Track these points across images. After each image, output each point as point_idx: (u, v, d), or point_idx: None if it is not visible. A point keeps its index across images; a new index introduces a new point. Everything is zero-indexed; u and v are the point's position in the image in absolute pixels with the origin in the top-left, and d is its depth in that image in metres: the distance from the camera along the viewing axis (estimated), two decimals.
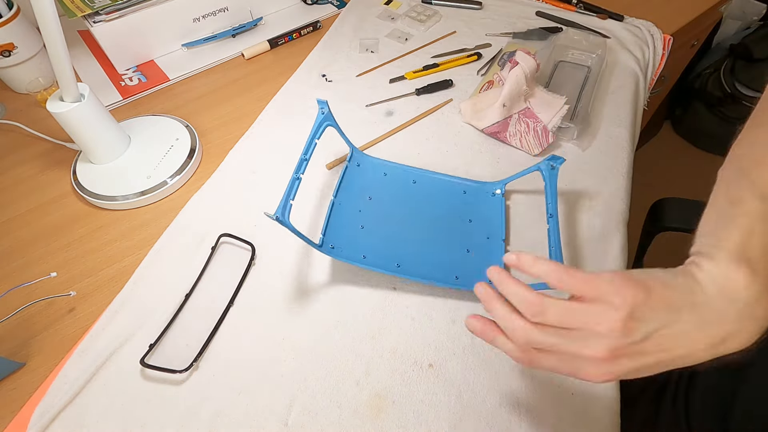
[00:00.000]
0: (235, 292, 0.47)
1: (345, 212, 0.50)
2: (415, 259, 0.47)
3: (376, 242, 0.48)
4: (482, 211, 0.52)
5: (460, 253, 0.49)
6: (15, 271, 0.50)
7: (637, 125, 0.65)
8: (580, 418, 0.39)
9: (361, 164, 0.55)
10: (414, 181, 0.55)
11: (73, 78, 0.49)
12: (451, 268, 0.47)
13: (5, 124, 0.65)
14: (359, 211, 0.51)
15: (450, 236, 0.50)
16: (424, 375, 0.42)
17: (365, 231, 0.49)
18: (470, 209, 0.52)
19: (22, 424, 0.40)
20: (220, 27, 0.77)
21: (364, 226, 0.50)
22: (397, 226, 0.50)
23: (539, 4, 0.81)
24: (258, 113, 0.65)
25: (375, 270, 0.45)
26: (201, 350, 0.43)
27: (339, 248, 0.47)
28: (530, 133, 0.57)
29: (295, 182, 0.44)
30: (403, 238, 0.49)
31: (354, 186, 0.53)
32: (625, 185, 0.55)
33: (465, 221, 0.51)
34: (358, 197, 0.52)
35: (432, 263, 0.47)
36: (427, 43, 0.75)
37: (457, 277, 0.46)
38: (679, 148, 1.62)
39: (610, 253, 0.49)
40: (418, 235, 0.50)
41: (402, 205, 0.52)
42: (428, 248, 0.49)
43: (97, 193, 0.55)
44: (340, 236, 0.48)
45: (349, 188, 0.52)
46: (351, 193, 0.52)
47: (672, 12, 0.78)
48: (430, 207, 0.52)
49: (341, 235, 0.48)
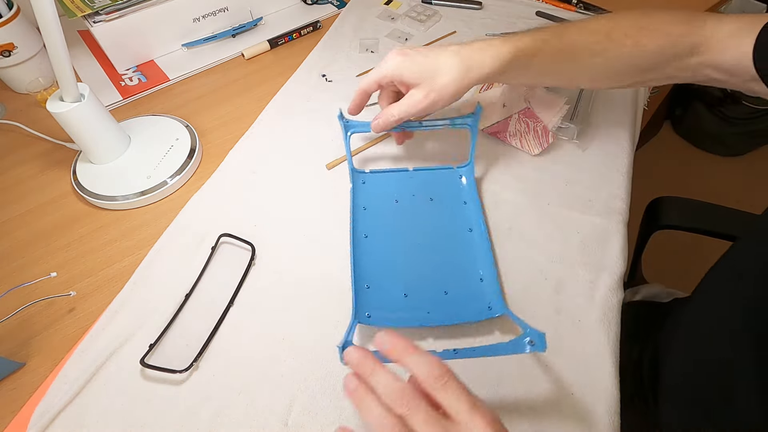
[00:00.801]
0: (235, 292, 0.47)
1: (371, 274, 0.47)
2: (441, 299, 0.45)
3: (407, 287, 0.46)
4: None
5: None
6: (15, 271, 0.50)
7: (637, 125, 0.65)
8: (580, 418, 0.39)
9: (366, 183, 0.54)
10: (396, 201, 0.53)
11: (73, 78, 0.49)
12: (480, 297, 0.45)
13: (5, 124, 0.65)
14: (378, 260, 0.48)
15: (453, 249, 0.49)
16: None
17: (400, 286, 0.46)
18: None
19: (22, 424, 0.40)
20: (220, 27, 0.77)
21: (407, 294, 0.46)
22: (416, 268, 0.47)
23: (539, 4, 0.81)
24: (258, 113, 0.65)
25: (411, 326, 0.43)
26: (201, 350, 0.43)
27: (374, 316, 0.43)
28: (530, 133, 0.57)
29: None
30: (423, 280, 0.46)
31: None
32: (625, 185, 0.55)
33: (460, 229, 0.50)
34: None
35: (456, 296, 0.45)
36: (427, 43, 0.75)
37: (490, 307, 0.44)
38: (679, 148, 1.63)
39: (610, 253, 0.49)
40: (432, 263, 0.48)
41: (406, 243, 0.50)
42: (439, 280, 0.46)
43: (97, 193, 0.55)
44: (377, 303, 0.45)
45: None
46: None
47: None
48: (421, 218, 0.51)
49: (378, 301, 0.45)
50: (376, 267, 0.47)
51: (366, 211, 0.52)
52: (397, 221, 0.51)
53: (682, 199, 0.64)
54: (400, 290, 0.46)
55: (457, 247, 0.49)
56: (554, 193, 0.54)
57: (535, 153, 0.58)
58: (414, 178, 0.55)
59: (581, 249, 0.49)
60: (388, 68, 0.47)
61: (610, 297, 0.46)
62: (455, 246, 0.49)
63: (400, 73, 0.46)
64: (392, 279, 0.46)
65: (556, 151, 0.58)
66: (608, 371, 0.42)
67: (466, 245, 0.49)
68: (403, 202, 0.53)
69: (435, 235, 0.50)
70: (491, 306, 0.44)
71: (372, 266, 0.47)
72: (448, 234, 0.50)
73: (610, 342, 0.43)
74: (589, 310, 0.45)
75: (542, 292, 0.47)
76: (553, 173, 0.56)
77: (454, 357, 0.38)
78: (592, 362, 0.42)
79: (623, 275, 0.48)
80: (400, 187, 0.54)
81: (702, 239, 0.60)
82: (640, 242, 0.67)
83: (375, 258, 0.48)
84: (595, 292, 0.46)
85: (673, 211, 0.63)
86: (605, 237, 0.50)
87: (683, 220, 0.63)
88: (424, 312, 0.44)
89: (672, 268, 0.80)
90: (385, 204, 0.52)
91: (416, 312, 0.44)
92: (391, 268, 0.47)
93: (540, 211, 0.53)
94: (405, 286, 0.46)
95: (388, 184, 0.54)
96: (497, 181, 0.56)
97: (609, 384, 0.41)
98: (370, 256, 0.48)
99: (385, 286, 0.46)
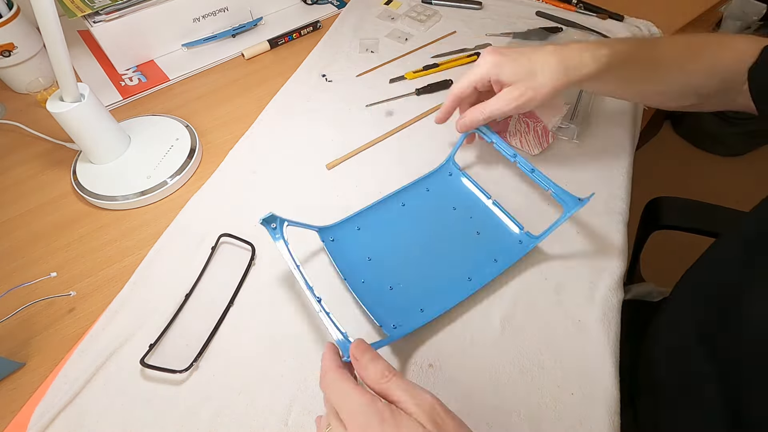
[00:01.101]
0: (235, 292, 0.47)
1: (362, 287, 0.46)
2: (435, 290, 0.45)
3: (404, 297, 0.45)
4: (453, 195, 0.52)
5: (467, 249, 0.47)
6: (15, 271, 0.50)
7: (637, 125, 0.65)
8: (580, 418, 0.39)
9: (335, 238, 0.49)
10: (392, 207, 0.52)
11: (73, 78, 0.49)
12: (462, 275, 0.46)
13: (5, 124, 0.65)
14: (367, 278, 0.47)
15: (451, 239, 0.49)
16: (424, 375, 0.42)
17: (396, 290, 0.46)
18: (446, 198, 0.52)
19: (22, 424, 0.40)
20: (220, 27, 0.77)
21: (393, 287, 0.46)
22: (408, 268, 0.47)
23: (539, 4, 0.81)
24: (258, 113, 0.65)
25: (414, 329, 0.42)
26: (201, 350, 0.43)
27: (399, 327, 0.43)
28: (530, 133, 0.57)
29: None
30: (419, 276, 0.46)
31: (349, 259, 0.48)
32: (625, 185, 0.55)
33: (449, 210, 0.50)
34: (360, 268, 0.47)
35: (448, 282, 0.45)
36: (427, 43, 0.75)
37: (470, 278, 0.45)
38: (679, 148, 1.63)
39: (611, 253, 0.49)
40: (428, 261, 0.47)
41: (400, 243, 0.49)
42: (441, 269, 0.47)
43: (97, 193, 0.55)
44: (394, 312, 0.44)
45: (348, 264, 0.48)
46: (352, 267, 0.47)
47: (672, 12, 0.78)
48: (422, 224, 0.50)
49: (392, 310, 0.44)
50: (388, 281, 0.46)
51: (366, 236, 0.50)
52: (390, 244, 0.49)
53: (680, 199, 0.64)
54: (419, 289, 0.46)
55: (454, 233, 0.50)
56: None
57: (535, 153, 0.58)
58: (404, 197, 0.53)
59: (581, 249, 0.49)
60: (486, 68, 0.46)
61: (610, 297, 0.46)
62: (453, 234, 0.49)
63: (498, 71, 0.46)
64: (410, 282, 0.46)
65: (556, 151, 0.58)
66: (608, 371, 0.42)
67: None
68: (397, 224, 0.51)
69: (430, 236, 0.50)
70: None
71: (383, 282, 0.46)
72: (443, 228, 0.50)
73: (610, 342, 0.43)
74: (589, 310, 0.45)
75: (542, 292, 0.47)
76: (553, 173, 0.56)
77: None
78: (592, 362, 0.42)
79: (623, 275, 0.48)
80: (384, 217, 0.52)
81: (701, 239, 0.60)
82: (638, 242, 0.67)
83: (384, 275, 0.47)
84: (595, 292, 0.46)
85: (671, 212, 0.63)
86: (605, 237, 0.50)
87: (681, 220, 0.63)
88: (418, 309, 0.44)
89: (671, 269, 0.80)
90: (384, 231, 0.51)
91: (415, 313, 0.44)
92: (405, 276, 0.47)
93: (540, 211, 0.53)
94: (408, 289, 0.46)
95: (383, 213, 0.52)
96: (497, 181, 0.56)
97: (609, 384, 0.41)
98: (380, 277, 0.47)
99: (405, 290, 0.46)
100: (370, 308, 0.44)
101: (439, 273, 0.47)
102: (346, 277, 0.46)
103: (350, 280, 0.46)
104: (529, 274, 0.48)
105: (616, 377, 0.42)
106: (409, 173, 0.55)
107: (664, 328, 0.52)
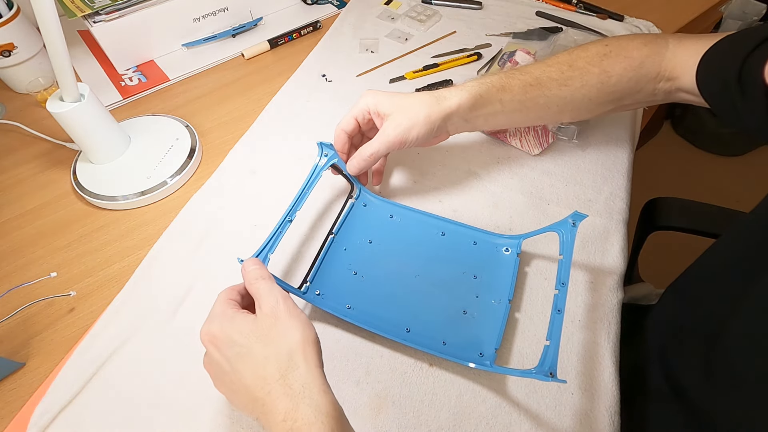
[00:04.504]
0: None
1: (339, 254, 0.48)
2: (404, 316, 0.44)
3: (365, 291, 0.45)
4: (490, 268, 0.47)
5: (455, 313, 0.44)
6: (15, 271, 0.50)
7: (637, 125, 0.65)
8: (580, 418, 0.39)
9: (367, 204, 0.52)
10: (423, 226, 0.50)
11: (73, 78, 0.49)
12: (440, 331, 0.43)
13: (5, 124, 0.65)
14: (354, 254, 0.48)
15: (449, 293, 0.45)
16: (424, 375, 0.42)
17: (357, 278, 0.46)
18: (477, 264, 0.47)
19: (22, 424, 0.40)
20: (220, 27, 0.77)
21: (357, 272, 0.46)
22: (393, 276, 0.46)
23: (539, 4, 0.81)
24: (258, 113, 0.65)
25: (356, 324, 0.42)
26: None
27: (325, 295, 0.44)
28: (530, 133, 0.58)
29: (285, 225, 0.43)
30: (398, 291, 0.45)
31: (355, 226, 0.50)
32: (625, 185, 0.55)
33: (470, 277, 0.46)
34: (357, 239, 0.49)
35: (421, 322, 0.43)
36: (427, 43, 0.75)
37: (445, 342, 0.42)
38: (679, 148, 1.63)
39: (610, 253, 0.49)
40: (415, 288, 0.46)
41: (403, 253, 0.48)
42: (421, 306, 0.44)
43: (97, 193, 0.55)
44: (329, 280, 0.45)
45: (350, 227, 0.50)
46: (351, 233, 0.49)
47: (672, 12, 0.78)
48: (435, 257, 0.48)
49: (330, 280, 0.45)
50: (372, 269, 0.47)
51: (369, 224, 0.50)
52: (395, 246, 0.49)
53: (678, 199, 0.64)
54: (370, 288, 0.46)
55: (457, 292, 0.46)
56: (554, 193, 0.54)
57: (535, 153, 0.58)
58: (429, 222, 0.51)
59: (581, 249, 0.49)
60: (365, 100, 0.49)
61: (610, 297, 0.46)
62: (454, 291, 0.46)
63: (376, 102, 0.48)
64: (371, 278, 0.46)
65: (556, 151, 0.58)
66: (608, 371, 0.42)
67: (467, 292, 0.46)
68: (414, 238, 0.50)
69: (434, 273, 0.47)
70: (446, 342, 0.42)
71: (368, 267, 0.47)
72: (450, 278, 0.47)
73: (610, 342, 0.43)
74: (589, 310, 0.45)
75: (542, 292, 0.47)
76: (553, 173, 0.56)
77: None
78: (592, 362, 0.42)
79: (623, 275, 0.48)
80: (410, 225, 0.51)
81: (701, 240, 0.60)
82: (636, 243, 0.67)
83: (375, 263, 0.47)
84: (595, 292, 0.46)
85: (669, 212, 0.63)
86: (605, 237, 0.50)
87: (679, 220, 0.63)
88: (377, 318, 0.43)
89: (670, 269, 0.80)
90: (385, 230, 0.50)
91: (370, 316, 0.43)
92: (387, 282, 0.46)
93: (540, 211, 0.53)
94: (377, 290, 0.45)
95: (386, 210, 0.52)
96: (497, 181, 0.56)
97: (609, 384, 0.41)
98: (376, 260, 0.47)
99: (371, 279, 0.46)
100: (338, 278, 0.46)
101: (426, 306, 0.45)
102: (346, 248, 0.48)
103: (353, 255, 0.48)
104: (529, 274, 0.48)
105: (616, 377, 0.42)
106: (409, 173, 0.55)
107: (654, 329, 0.52)
